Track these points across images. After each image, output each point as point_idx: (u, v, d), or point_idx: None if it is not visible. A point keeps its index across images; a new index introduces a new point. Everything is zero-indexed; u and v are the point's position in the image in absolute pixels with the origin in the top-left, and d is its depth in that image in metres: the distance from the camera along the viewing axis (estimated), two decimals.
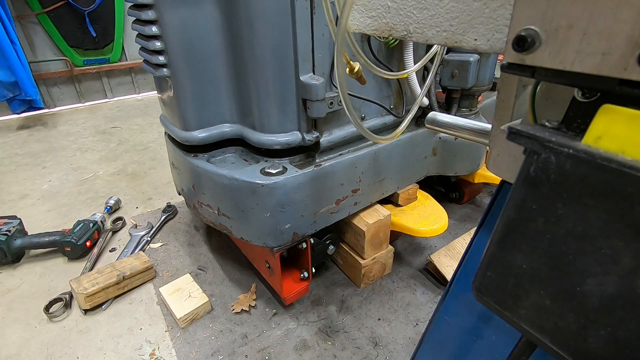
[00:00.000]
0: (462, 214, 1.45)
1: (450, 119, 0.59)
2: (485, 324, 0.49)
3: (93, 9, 2.65)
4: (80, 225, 1.28)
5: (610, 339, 0.26)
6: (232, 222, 0.89)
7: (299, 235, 0.89)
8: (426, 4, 0.42)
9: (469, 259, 0.51)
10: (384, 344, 0.94)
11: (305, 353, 0.92)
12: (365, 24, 0.50)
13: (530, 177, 0.29)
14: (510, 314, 0.32)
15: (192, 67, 0.79)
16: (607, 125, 0.25)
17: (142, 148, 2.13)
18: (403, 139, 1.03)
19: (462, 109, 1.17)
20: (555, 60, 0.27)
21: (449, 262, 1.10)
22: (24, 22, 2.51)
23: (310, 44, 0.77)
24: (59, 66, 2.73)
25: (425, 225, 1.07)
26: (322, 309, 1.05)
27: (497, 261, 0.32)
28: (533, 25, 0.28)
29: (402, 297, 1.08)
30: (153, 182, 1.75)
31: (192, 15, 0.74)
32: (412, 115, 0.80)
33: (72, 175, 1.84)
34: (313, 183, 0.85)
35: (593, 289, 0.26)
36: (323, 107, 0.79)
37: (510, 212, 0.31)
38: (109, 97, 3.03)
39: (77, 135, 2.35)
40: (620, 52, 0.24)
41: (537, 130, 0.29)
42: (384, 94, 0.98)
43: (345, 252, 1.11)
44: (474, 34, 0.39)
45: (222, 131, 0.88)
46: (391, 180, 1.07)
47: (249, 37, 0.74)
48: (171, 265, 1.22)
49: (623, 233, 0.24)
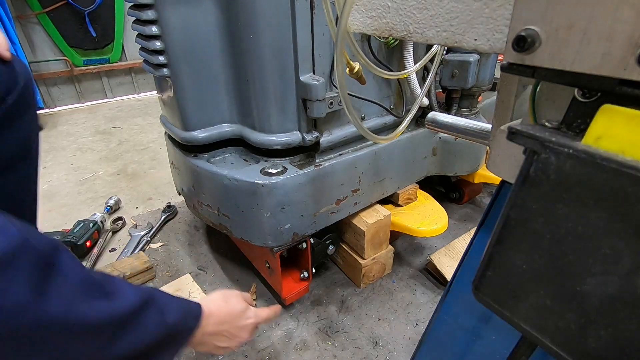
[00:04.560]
0: (462, 214, 1.45)
1: (450, 119, 0.59)
2: (485, 324, 0.49)
3: (93, 9, 2.65)
4: (80, 225, 1.28)
5: (610, 339, 0.26)
6: (232, 222, 0.89)
7: (299, 236, 0.89)
8: (426, 4, 0.42)
9: (469, 259, 0.51)
10: (384, 344, 0.94)
11: (305, 353, 0.92)
12: (365, 24, 0.50)
13: (530, 177, 0.29)
14: (510, 314, 0.32)
15: (192, 67, 0.79)
16: (607, 125, 0.25)
17: (142, 148, 2.13)
18: (403, 139, 1.03)
19: (462, 109, 1.17)
20: (555, 60, 0.28)
21: (449, 262, 1.10)
22: (24, 22, 2.51)
23: (310, 44, 0.77)
24: (59, 66, 2.72)
25: (425, 225, 1.07)
26: (322, 309, 1.05)
27: (497, 261, 0.32)
28: (533, 25, 0.28)
29: (402, 297, 1.08)
30: (153, 182, 1.75)
31: (192, 15, 0.74)
32: (412, 115, 0.80)
33: (72, 175, 1.84)
34: (313, 183, 0.85)
35: (593, 289, 0.26)
36: (323, 107, 0.79)
37: (510, 212, 0.31)
38: (109, 97, 3.03)
39: (77, 135, 2.35)
40: (620, 52, 0.24)
41: (537, 130, 0.29)
42: (384, 94, 0.98)
43: (345, 252, 1.11)
44: (474, 34, 0.39)
45: (222, 131, 0.88)
46: (391, 180, 1.07)
47: (249, 37, 0.74)
48: (171, 265, 1.22)
49: (623, 233, 0.24)
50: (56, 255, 0.43)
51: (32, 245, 0.40)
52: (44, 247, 0.42)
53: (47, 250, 0.42)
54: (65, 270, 0.43)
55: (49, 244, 0.43)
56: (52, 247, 0.43)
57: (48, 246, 0.43)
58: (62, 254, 0.44)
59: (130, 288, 0.51)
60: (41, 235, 0.43)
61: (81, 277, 0.44)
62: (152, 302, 0.52)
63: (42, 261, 0.41)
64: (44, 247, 0.42)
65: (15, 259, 0.38)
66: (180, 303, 0.61)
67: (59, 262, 0.43)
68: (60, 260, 0.43)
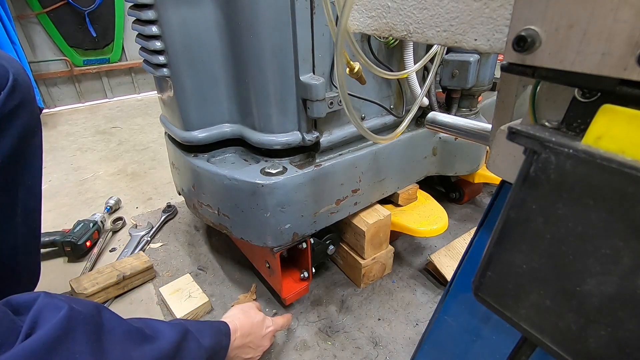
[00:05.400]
0: (462, 214, 1.45)
1: (450, 119, 0.59)
2: (485, 324, 0.49)
3: (93, 9, 2.65)
4: (80, 225, 1.28)
5: (611, 339, 0.26)
6: (232, 222, 0.89)
7: (299, 235, 0.89)
8: (426, 4, 0.42)
9: (469, 259, 0.51)
10: (384, 344, 0.94)
11: (305, 353, 0.92)
12: (365, 24, 0.50)
13: (530, 177, 0.29)
14: (510, 314, 0.32)
15: (192, 67, 0.79)
16: (607, 125, 0.25)
17: (142, 148, 2.13)
18: (403, 139, 1.03)
19: (462, 109, 1.17)
20: (555, 60, 0.27)
21: (449, 262, 1.10)
22: (24, 22, 2.51)
23: (310, 44, 0.77)
24: (59, 66, 2.72)
25: (425, 225, 1.07)
26: (322, 309, 1.05)
27: (497, 261, 0.32)
28: (533, 25, 0.28)
29: (402, 297, 1.08)
30: (153, 182, 1.75)
31: (192, 15, 0.74)
32: (412, 115, 0.80)
33: (72, 175, 1.84)
34: (313, 183, 0.85)
35: (593, 289, 0.26)
36: (323, 107, 0.79)
37: (510, 212, 0.31)
38: (109, 97, 3.03)
39: (77, 135, 2.35)
40: (620, 52, 0.24)
41: (537, 130, 0.29)
42: (384, 94, 0.98)
43: (345, 252, 1.11)
44: (474, 34, 0.39)
45: (222, 131, 0.88)
46: (391, 180, 1.07)
47: (249, 37, 0.74)
48: (171, 265, 1.22)
49: (623, 233, 0.24)
50: (100, 314, 0.46)
51: (79, 311, 0.43)
52: (87, 309, 0.44)
53: (91, 311, 0.45)
54: (110, 325, 0.46)
55: (91, 305, 0.46)
56: (94, 307, 0.46)
57: (91, 307, 0.46)
58: (104, 312, 0.47)
59: (166, 326, 0.57)
60: (80, 299, 0.46)
61: (124, 328, 0.48)
62: (188, 333, 0.58)
63: (91, 323, 0.43)
64: (87, 309, 0.44)
65: (71, 328, 0.40)
66: (211, 326, 0.67)
67: (103, 320, 0.46)
68: (105, 318, 0.46)
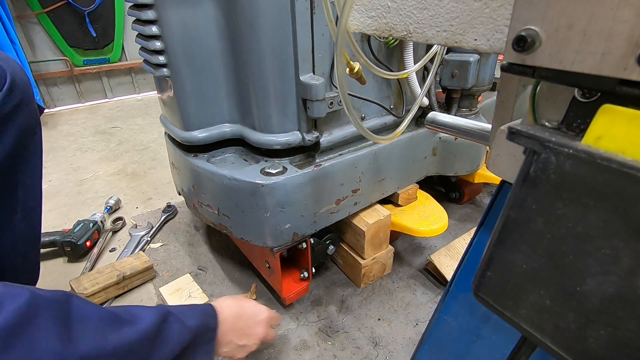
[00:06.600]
0: (462, 214, 1.45)
1: (450, 119, 0.59)
2: (485, 324, 0.49)
3: (93, 9, 2.65)
4: (80, 225, 1.28)
5: (610, 339, 0.26)
6: (232, 222, 0.89)
7: (299, 235, 0.89)
8: (426, 4, 0.42)
9: (469, 259, 0.51)
10: (384, 344, 0.94)
11: (305, 353, 0.92)
12: (365, 24, 0.50)
13: (530, 177, 0.29)
14: (510, 314, 0.32)
15: (192, 67, 0.79)
16: (607, 125, 0.25)
17: (142, 148, 2.13)
18: (403, 139, 1.03)
19: (462, 109, 1.17)
20: (555, 60, 0.28)
21: (449, 262, 1.10)
22: (24, 22, 2.51)
23: (310, 44, 0.77)
24: (59, 66, 2.72)
25: (425, 225, 1.07)
26: (322, 309, 1.05)
27: (496, 261, 0.32)
28: (533, 25, 0.28)
29: (402, 297, 1.08)
30: (153, 182, 1.75)
31: (192, 15, 0.74)
32: (412, 115, 0.80)
33: (72, 175, 1.84)
34: (313, 183, 0.85)
35: (593, 289, 0.26)
36: (323, 107, 0.79)
37: (510, 212, 0.31)
38: (109, 97, 3.03)
39: (77, 135, 2.35)
40: (620, 52, 0.24)
41: (537, 130, 0.29)
42: (384, 94, 0.98)
43: (345, 252, 1.11)
44: (474, 34, 0.39)
45: (222, 131, 0.88)
46: (391, 180, 1.07)
47: (249, 37, 0.74)
48: (171, 265, 1.22)
49: (623, 233, 0.24)
50: (68, 300, 0.45)
51: (44, 297, 0.42)
52: (53, 296, 0.44)
53: (58, 298, 0.44)
54: (81, 311, 0.45)
55: (58, 293, 0.45)
56: (62, 294, 0.46)
57: (58, 295, 0.45)
58: (73, 299, 0.47)
59: (145, 309, 0.55)
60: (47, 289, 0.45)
61: (98, 314, 0.47)
62: (169, 314, 0.57)
63: (58, 309, 0.43)
64: (53, 296, 0.44)
65: (33, 314, 0.40)
66: (195, 307, 0.66)
67: (72, 306, 0.45)
68: (74, 304, 0.46)
